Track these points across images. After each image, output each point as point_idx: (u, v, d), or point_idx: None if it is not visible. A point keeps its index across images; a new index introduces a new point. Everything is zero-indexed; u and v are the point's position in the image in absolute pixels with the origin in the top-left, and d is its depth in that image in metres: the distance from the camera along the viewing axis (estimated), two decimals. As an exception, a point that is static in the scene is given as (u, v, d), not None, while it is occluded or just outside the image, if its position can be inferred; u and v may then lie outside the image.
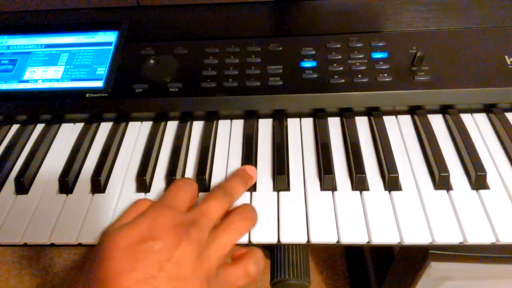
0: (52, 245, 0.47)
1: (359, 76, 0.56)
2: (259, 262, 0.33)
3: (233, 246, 0.32)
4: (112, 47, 0.63)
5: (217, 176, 0.52)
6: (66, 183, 0.52)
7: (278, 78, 0.57)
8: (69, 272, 1.28)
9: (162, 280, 0.27)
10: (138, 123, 0.60)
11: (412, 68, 0.56)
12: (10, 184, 0.53)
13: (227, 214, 0.33)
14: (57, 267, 1.30)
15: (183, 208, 0.33)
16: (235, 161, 0.53)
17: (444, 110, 0.57)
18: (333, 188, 0.49)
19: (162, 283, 0.27)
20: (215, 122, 0.58)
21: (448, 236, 0.44)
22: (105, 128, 0.59)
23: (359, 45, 0.59)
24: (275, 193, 0.49)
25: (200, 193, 0.49)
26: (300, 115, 0.59)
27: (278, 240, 0.45)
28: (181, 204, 0.34)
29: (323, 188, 0.50)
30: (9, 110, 0.60)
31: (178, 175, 0.52)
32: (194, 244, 0.30)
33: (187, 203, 0.35)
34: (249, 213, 0.34)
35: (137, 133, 0.58)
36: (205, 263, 0.30)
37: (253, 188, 0.50)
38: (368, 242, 0.44)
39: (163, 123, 0.59)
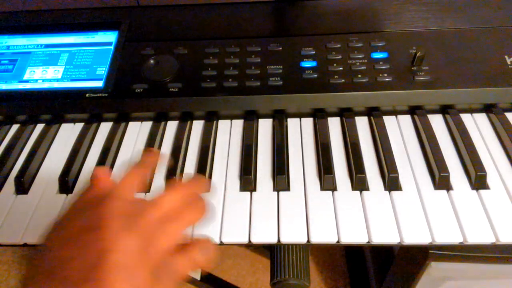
0: (52, 245, 0.47)
1: (359, 76, 0.56)
2: (206, 250, 0.33)
3: (181, 236, 0.32)
4: (112, 47, 0.63)
5: (217, 176, 0.52)
6: (66, 183, 0.52)
7: (278, 78, 0.57)
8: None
9: (106, 269, 0.26)
10: (138, 123, 0.60)
11: (412, 68, 0.56)
12: (10, 184, 0.53)
13: (178, 205, 0.33)
14: (57, 267, 1.29)
15: (132, 197, 0.33)
16: (235, 161, 0.53)
17: (444, 110, 0.57)
18: (333, 188, 0.49)
19: (106, 272, 0.26)
20: (215, 122, 0.58)
21: (448, 236, 0.44)
22: (105, 128, 0.59)
23: (359, 45, 0.59)
24: (275, 193, 0.49)
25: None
26: (300, 115, 0.58)
27: (278, 240, 0.45)
28: (131, 193, 0.33)
29: (323, 188, 0.50)
30: (9, 110, 0.60)
31: (178, 175, 0.52)
32: (140, 234, 0.29)
33: (136, 191, 0.34)
34: (198, 203, 0.34)
35: (137, 133, 0.58)
36: (151, 253, 0.29)
37: (253, 188, 0.50)
38: (368, 242, 0.44)
39: (163, 123, 0.59)
